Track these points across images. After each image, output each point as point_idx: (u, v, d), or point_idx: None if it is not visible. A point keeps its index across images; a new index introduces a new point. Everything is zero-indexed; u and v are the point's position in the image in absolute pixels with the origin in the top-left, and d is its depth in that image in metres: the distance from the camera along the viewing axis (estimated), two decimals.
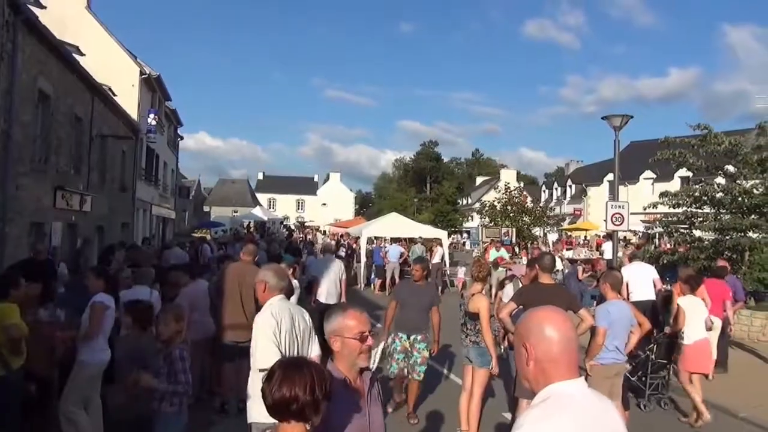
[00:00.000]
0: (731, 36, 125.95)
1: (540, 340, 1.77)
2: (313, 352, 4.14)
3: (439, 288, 18.18)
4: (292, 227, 50.59)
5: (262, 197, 73.94)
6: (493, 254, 16.59)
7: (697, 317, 6.91)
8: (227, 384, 6.61)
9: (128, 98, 21.56)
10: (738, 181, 12.24)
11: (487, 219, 28.50)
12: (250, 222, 41.30)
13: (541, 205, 37.19)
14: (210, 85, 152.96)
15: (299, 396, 1.89)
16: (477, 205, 36.25)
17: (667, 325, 8.10)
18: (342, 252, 21.18)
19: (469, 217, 54.24)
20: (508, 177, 53.59)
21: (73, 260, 12.85)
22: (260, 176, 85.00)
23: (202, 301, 6.85)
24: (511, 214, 27.31)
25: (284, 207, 76.44)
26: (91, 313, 5.16)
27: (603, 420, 1.76)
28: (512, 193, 28.60)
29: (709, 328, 7.79)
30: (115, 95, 19.34)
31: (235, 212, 57.00)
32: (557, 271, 12.91)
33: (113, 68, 20.93)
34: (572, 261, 23.36)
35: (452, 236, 34.42)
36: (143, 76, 23.14)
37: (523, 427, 1.67)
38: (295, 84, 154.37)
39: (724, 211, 12.37)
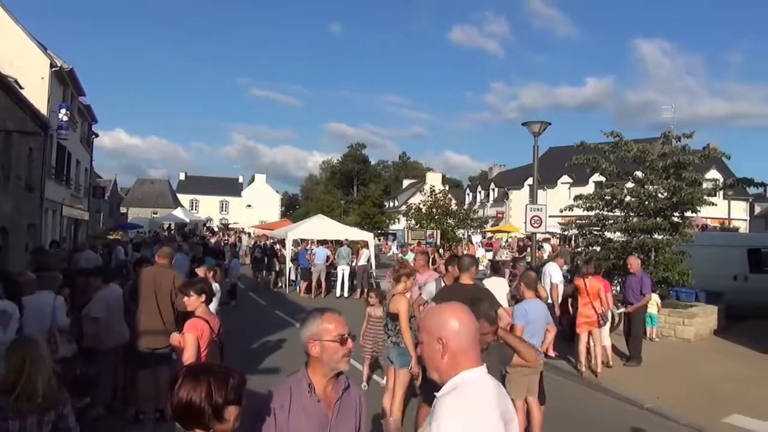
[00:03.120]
0: (642, 49, 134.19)
1: (453, 333, 1.93)
2: None
3: (365, 290, 18.26)
4: (215, 229, 49.22)
5: (184, 198, 71.54)
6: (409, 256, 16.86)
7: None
8: (143, 393, 6.31)
9: (37, 92, 20.22)
10: (645, 186, 12.99)
11: (412, 221, 28.87)
12: (170, 224, 39.83)
13: (465, 207, 38.10)
14: (128, 81, 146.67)
15: (195, 402, 1.87)
16: (403, 207, 36.61)
17: None
18: (258, 254, 20.88)
19: (396, 220, 54.74)
20: (433, 180, 54.50)
21: None
22: (182, 176, 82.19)
23: (116, 307, 6.52)
24: (436, 217, 27.81)
25: (207, 208, 74.31)
26: None
27: (503, 402, 1.99)
28: (437, 196, 29.12)
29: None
30: (21, 88, 18.08)
31: (154, 213, 54.83)
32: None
33: (20, 59, 19.60)
34: (496, 263, 24.11)
35: (379, 238, 34.60)
36: (54, 68, 21.79)
37: (442, 413, 1.81)
38: (219, 82, 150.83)
39: (633, 213, 13.10)
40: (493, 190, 56.63)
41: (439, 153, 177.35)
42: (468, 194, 63.39)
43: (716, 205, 13.47)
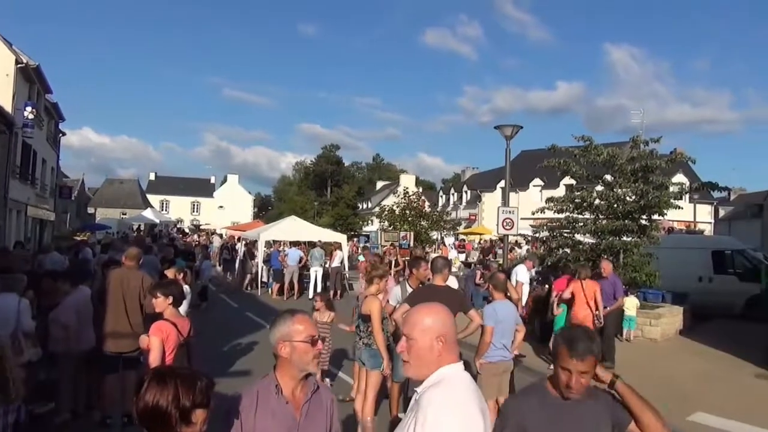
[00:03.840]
0: (612, 55, 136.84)
1: (450, 330, 2.07)
2: None
3: (339, 292, 18.22)
4: (187, 230, 48.53)
5: (154, 199, 70.37)
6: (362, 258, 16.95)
7: None
8: (110, 397, 6.19)
9: (1, 89, 19.76)
10: (614, 189, 13.24)
11: (386, 223, 28.89)
12: (140, 225, 39.13)
13: (438, 209, 38.31)
14: (97, 79, 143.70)
15: (162, 406, 1.84)
16: (377, 209, 36.64)
17: None
18: (227, 255, 20.72)
19: (369, 221, 54.77)
20: (407, 182, 54.60)
21: None
22: (152, 177, 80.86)
23: (86, 312, 6.37)
24: (409, 219, 27.87)
25: (178, 209, 73.26)
26: None
27: (479, 392, 2.10)
28: (411, 197, 29.20)
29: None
30: None
31: (123, 214, 53.82)
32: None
33: None
34: (468, 265, 24.33)
35: (353, 239, 34.54)
36: (19, 65, 21.26)
37: (435, 404, 1.90)
38: (191, 82, 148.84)
39: (602, 216, 13.34)
40: (466, 192, 57.09)
41: (412, 155, 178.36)
42: (441, 196, 63.77)
43: (682, 208, 13.84)
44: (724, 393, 8.24)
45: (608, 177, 13.72)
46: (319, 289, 18.04)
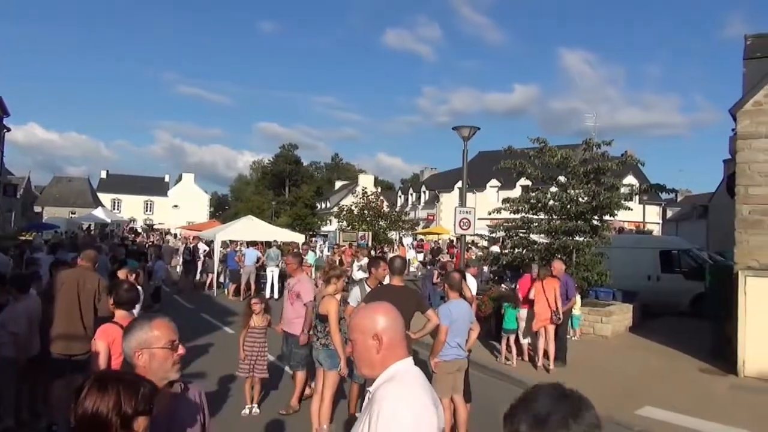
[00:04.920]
0: (567, 59, 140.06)
1: (387, 329, 2.09)
2: None
3: None
4: (139, 230, 47.31)
5: (105, 197, 68.28)
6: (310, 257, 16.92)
7: None
8: (57, 403, 5.96)
9: None
10: (568, 191, 13.56)
11: (344, 223, 28.85)
12: (90, 224, 37.90)
13: (396, 209, 38.47)
14: (44, 73, 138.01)
15: (102, 413, 1.77)
16: (335, 209, 36.52)
17: None
18: (187, 256, 20.33)
19: (328, 221, 54.52)
20: (366, 182, 54.72)
21: None
22: (103, 175, 78.42)
23: (36, 318, 6.11)
24: (367, 219, 27.92)
25: (131, 208, 71.33)
26: None
27: (430, 386, 2.15)
28: (369, 197, 29.25)
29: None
30: None
31: (72, 213, 52.03)
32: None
33: None
34: (426, 264, 24.50)
35: (312, 239, 34.33)
36: None
37: (388, 397, 1.94)
38: (144, 77, 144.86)
39: (556, 216, 13.64)
40: (425, 192, 57.48)
41: (371, 155, 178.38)
42: (400, 196, 64.03)
43: (632, 209, 14.27)
44: (671, 387, 8.55)
45: (562, 178, 14.03)
46: (275, 290, 17.86)
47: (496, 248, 22.62)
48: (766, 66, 10.02)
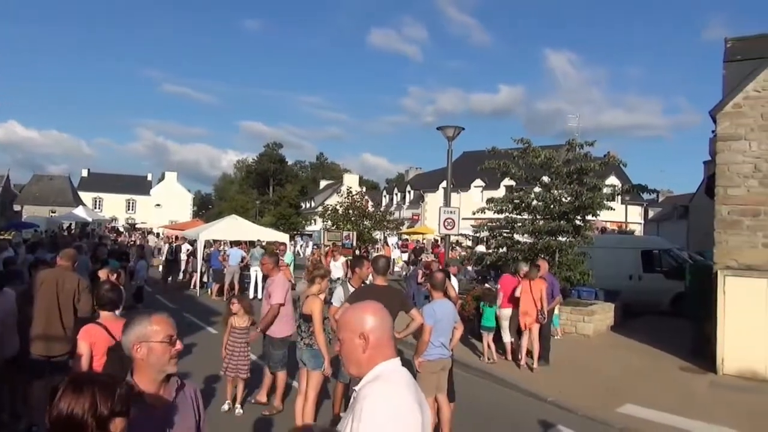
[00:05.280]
0: (552, 60, 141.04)
1: (374, 328, 2.09)
2: None
3: None
4: (121, 229, 46.80)
5: (86, 196, 67.42)
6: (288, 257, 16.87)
7: None
8: (37, 404, 5.87)
9: None
10: (551, 191, 13.66)
11: (329, 222, 28.76)
12: (71, 223, 37.39)
13: (381, 209, 38.43)
14: (25, 70, 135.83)
15: (77, 414, 1.74)
16: (320, 208, 36.42)
17: None
18: (169, 256, 20.15)
19: (312, 221, 54.35)
20: (351, 181, 54.63)
21: None
22: (84, 173, 77.40)
23: (11, 317, 6.00)
24: (352, 218, 27.85)
25: (112, 207, 70.56)
26: None
27: (417, 387, 2.15)
28: (354, 197, 29.17)
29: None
30: None
31: (53, 212, 51.35)
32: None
33: None
34: (410, 263, 24.53)
35: (295, 239, 34.20)
36: None
37: (371, 397, 1.94)
38: (128, 75, 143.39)
39: (539, 216, 13.74)
40: (409, 192, 57.54)
41: (356, 155, 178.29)
42: (385, 196, 64.02)
43: (614, 209, 14.43)
44: (652, 385, 8.66)
45: (545, 178, 14.13)
46: (260, 289, 17.74)
47: (482, 248, 22.74)
48: (746, 69, 10.18)
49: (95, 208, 64.70)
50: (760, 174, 9.51)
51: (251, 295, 17.76)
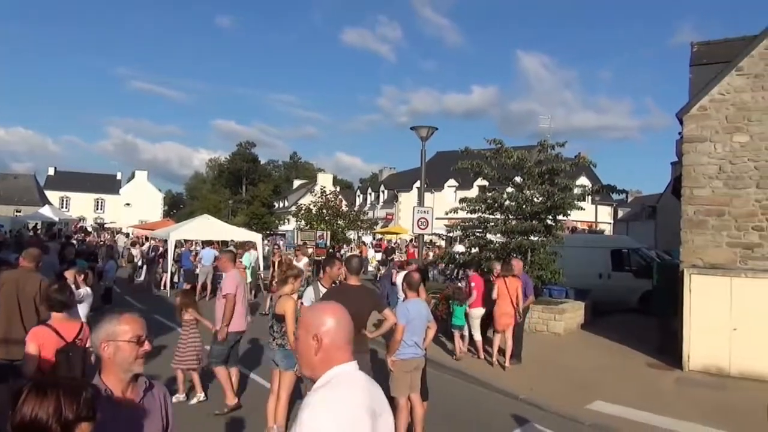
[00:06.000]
0: (525, 62, 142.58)
1: (329, 330, 2.01)
2: None
3: (253, 292, 17.83)
4: (89, 228, 45.86)
5: (53, 195, 65.78)
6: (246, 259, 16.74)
7: None
8: (1, 408, 5.70)
9: None
10: (523, 191, 13.82)
11: (302, 222, 28.63)
12: (36, 223, 36.47)
13: (355, 209, 38.42)
14: None
15: (41, 419, 1.69)
16: (293, 208, 36.22)
17: None
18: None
19: (286, 220, 54.03)
20: (324, 181, 54.45)
21: None
22: (51, 172, 75.61)
23: None
24: (326, 218, 27.78)
25: (80, 206, 69.12)
26: None
27: (374, 392, 2.07)
28: (328, 196, 29.11)
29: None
30: None
31: (17, 212, 49.96)
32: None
33: None
34: (381, 263, 24.54)
35: (269, 239, 33.90)
36: None
37: (312, 405, 1.86)
38: (97, 72, 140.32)
39: (511, 216, 13.89)
40: (383, 192, 57.59)
41: (330, 154, 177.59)
42: (359, 196, 63.99)
43: (585, 209, 14.65)
44: (620, 382, 8.83)
45: (518, 179, 14.28)
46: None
47: (460, 247, 22.89)
48: (711, 72, 10.44)
49: (62, 207, 63.19)
50: (725, 175, 9.77)
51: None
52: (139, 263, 21.13)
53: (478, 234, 14.23)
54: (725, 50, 11.44)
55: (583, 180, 33.15)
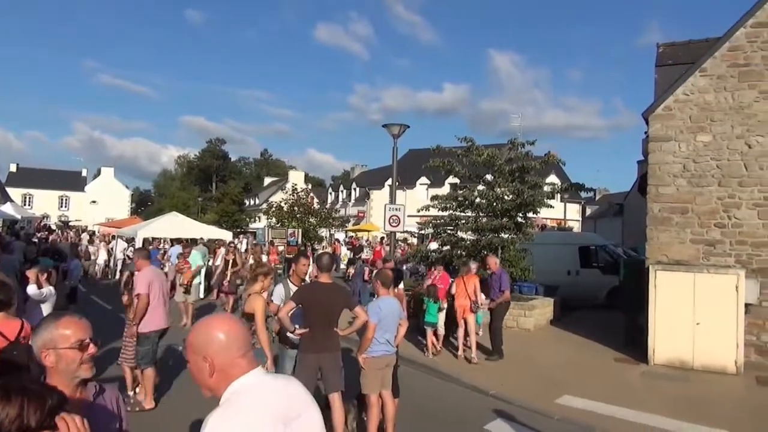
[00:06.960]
0: (496, 60, 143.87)
1: (220, 349, 1.86)
2: None
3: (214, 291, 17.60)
4: (53, 227, 44.74)
5: (15, 192, 63.82)
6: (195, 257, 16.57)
7: None
8: None
9: None
10: (494, 189, 13.95)
11: (273, 220, 28.41)
12: None
13: (327, 206, 38.28)
14: None
15: (2, 426, 1.62)
16: (264, 205, 35.92)
17: None
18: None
19: (257, 218, 53.57)
20: (296, 178, 54.18)
21: None
22: (13, 168, 73.41)
23: None
24: (297, 215, 27.63)
25: (44, 204, 67.33)
26: None
27: (284, 392, 1.94)
28: (300, 194, 28.95)
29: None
30: None
31: None
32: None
33: None
34: (352, 262, 24.52)
35: (239, 237, 33.53)
36: None
37: (207, 427, 1.74)
38: (61, 66, 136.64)
39: (482, 214, 14.01)
40: (355, 189, 57.56)
41: (302, 151, 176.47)
42: (330, 193, 63.84)
43: (554, 207, 14.85)
44: (588, 376, 8.98)
45: (489, 177, 14.41)
46: (201, 289, 17.31)
47: (434, 245, 22.98)
48: (676, 73, 10.69)
49: (25, 204, 61.53)
50: (689, 173, 10.02)
51: (201, 295, 17.34)
52: (102, 262, 20.67)
53: (449, 231, 14.31)
54: (690, 51, 11.73)
55: (552, 178, 33.57)
